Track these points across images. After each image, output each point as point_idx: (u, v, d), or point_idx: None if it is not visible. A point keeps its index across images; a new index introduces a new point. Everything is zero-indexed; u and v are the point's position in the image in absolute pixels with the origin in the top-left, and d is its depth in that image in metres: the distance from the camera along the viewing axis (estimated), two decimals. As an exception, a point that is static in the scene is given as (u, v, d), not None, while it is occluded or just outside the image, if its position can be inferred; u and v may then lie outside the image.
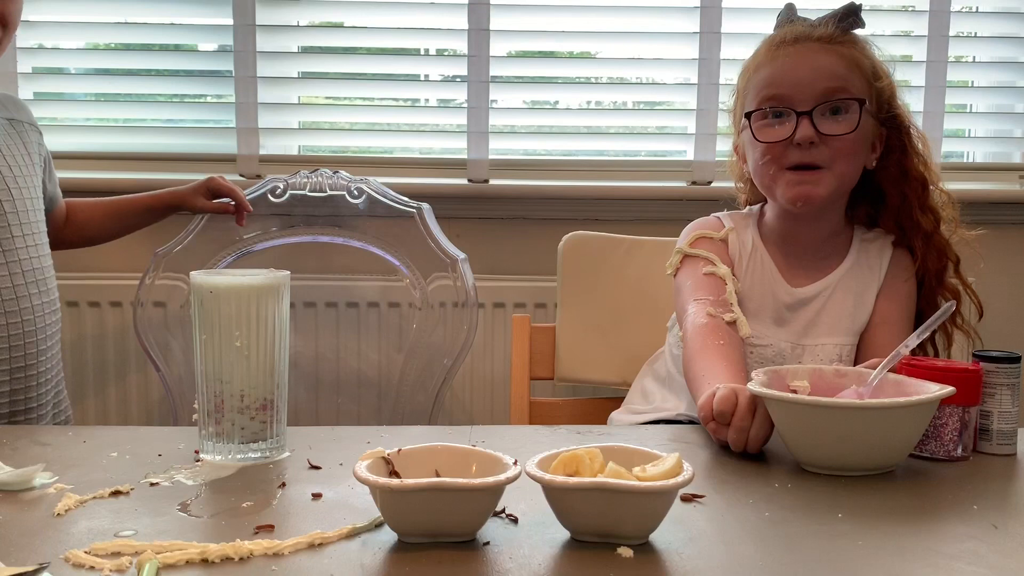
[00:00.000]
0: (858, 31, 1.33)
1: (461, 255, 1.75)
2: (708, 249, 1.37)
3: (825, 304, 1.34)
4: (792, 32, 1.31)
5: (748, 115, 1.31)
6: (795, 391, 1.05)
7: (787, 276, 1.35)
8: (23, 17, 2.01)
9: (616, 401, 1.54)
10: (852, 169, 1.31)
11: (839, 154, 1.28)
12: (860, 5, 1.33)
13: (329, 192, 1.75)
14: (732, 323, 1.29)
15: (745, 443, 1.02)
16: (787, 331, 1.33)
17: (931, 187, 1.35)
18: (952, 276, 1.36)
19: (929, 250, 1.35)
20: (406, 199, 1.77)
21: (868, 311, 1.34)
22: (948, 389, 0.98)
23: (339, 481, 0.92)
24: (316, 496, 0.88)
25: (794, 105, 1.27)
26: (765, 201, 1.40)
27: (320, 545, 0.76)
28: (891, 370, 1.05)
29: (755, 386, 1.01)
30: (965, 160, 2.22)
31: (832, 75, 1.28)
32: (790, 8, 1.37)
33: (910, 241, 1.36)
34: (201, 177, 2.05)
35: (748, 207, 1.45)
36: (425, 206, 1.76)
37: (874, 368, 1.06)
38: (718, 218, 1.43)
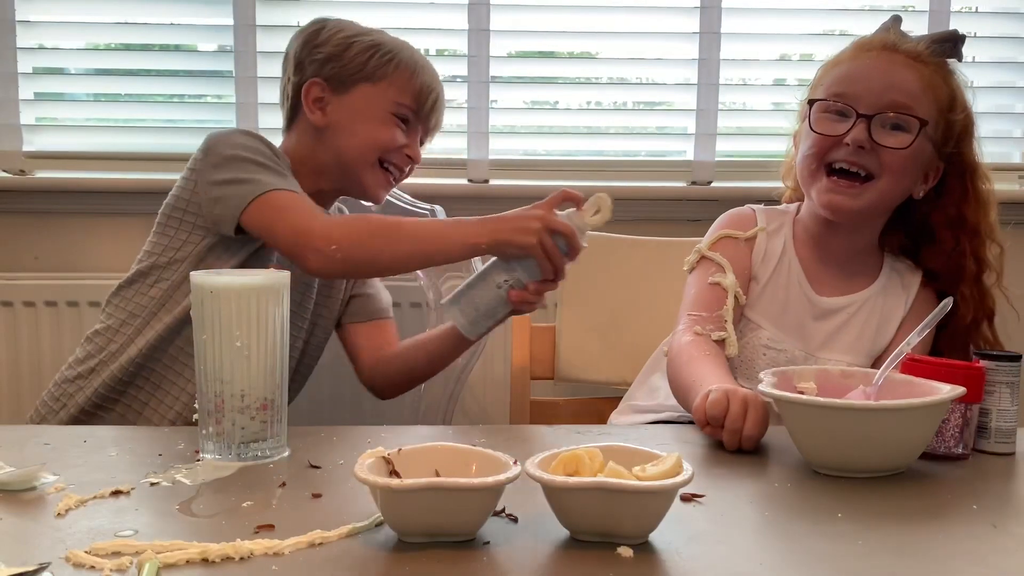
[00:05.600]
0: (952, 60, 1.32)
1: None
2: (728, 251, 1.36)
3: (848, 321, 1.33)
4: (882, 39, 1.31)
5: (811, 102, 1.31)
6: (802, 392, 1.05)
7: (814, 284, 1.35)
8: (24, 17, 2.03)
9: (616, 401, 1.53)
10: (896, 188, 1.29)
11: (886, 168, 1.26)
12: (963, 36, 1.31)
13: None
14: (720, 342, 1.29)
15: (738, 443, 1.03)
16: (805, 340, 1.33)
17: (987, 240, 1.33)
18: (987, 328, 1.34)
19: (969, 300, 1.32)
20: (420, 202, 1.77)
21: (888, 338, 1.33)
22: (959, 389, 0.98)
23: (339, 481, 0.92)
24: (316, 496, 0.88)
25: (857, 106, 1.27)
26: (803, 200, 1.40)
27: (320, 545, 0.76)
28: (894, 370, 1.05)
29: (766, 387, 1.01)
30: (965, 160, 2.22)
31: (903, 90, 1.27)
32: (896, 20, 1.35)
33: (953, 288, 1.32)
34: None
35: (785, 204, 1.44)
36: (438, 208, 1.76)
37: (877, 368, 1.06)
38: (753, 212, 1.42)
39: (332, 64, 1.38)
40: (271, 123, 2.08)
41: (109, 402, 1.31)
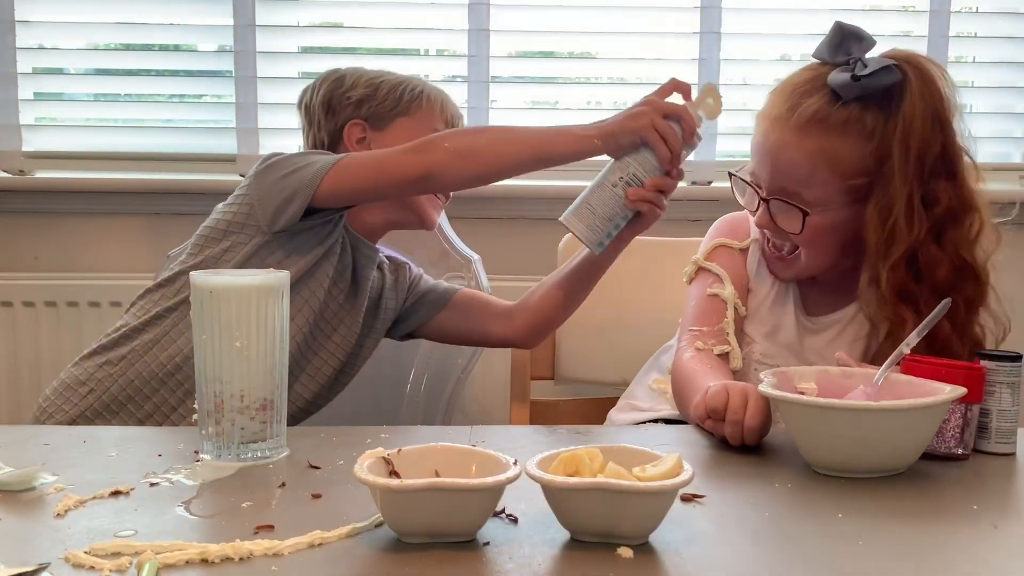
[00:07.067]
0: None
1: (475, 256, 1.75)
2: (724, 261, 1.35)
3: (839, 335, 1.31)
4: (781, 104, 1.24)
5: (730, 174, 1.31)
6: (802, 392, 1.05)
7: (805, 300, 1.33)
8: (23, 17, 2.03)
9: (616, 401, 1.53)
10: (823, 254, 1.27)
11: (800, 242, 1.26)
12: (878, 79, 1.19)
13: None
14: (723, 355, 1.28)
15: (742, 436, 1.03)
16: (797, 355, 1.31)
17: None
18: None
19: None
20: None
21: (882, 336, 1.27)
22: (960, 390, 0.97)
23: (339, 481, 0.92)
24: (316, 496, 0.88)
25: (759, 188, 1.27)
26: None
27: (320, 545, 0.76)
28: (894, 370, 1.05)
29: (766, 388, 1.00)
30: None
31: (789, 176, 1.22)
32: (836, 31, 1.25)
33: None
34: (201, 177, 2.06)
35: None
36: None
37: (877, 368, 1.06)
38: (747, 217, 1.39)
39: (367, 104, 1.44)
40: (271, 123, 2.08)
41: (141, 397, 1.28)
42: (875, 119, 1.21)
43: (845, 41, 1.24)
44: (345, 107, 1.44)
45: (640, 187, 1.21)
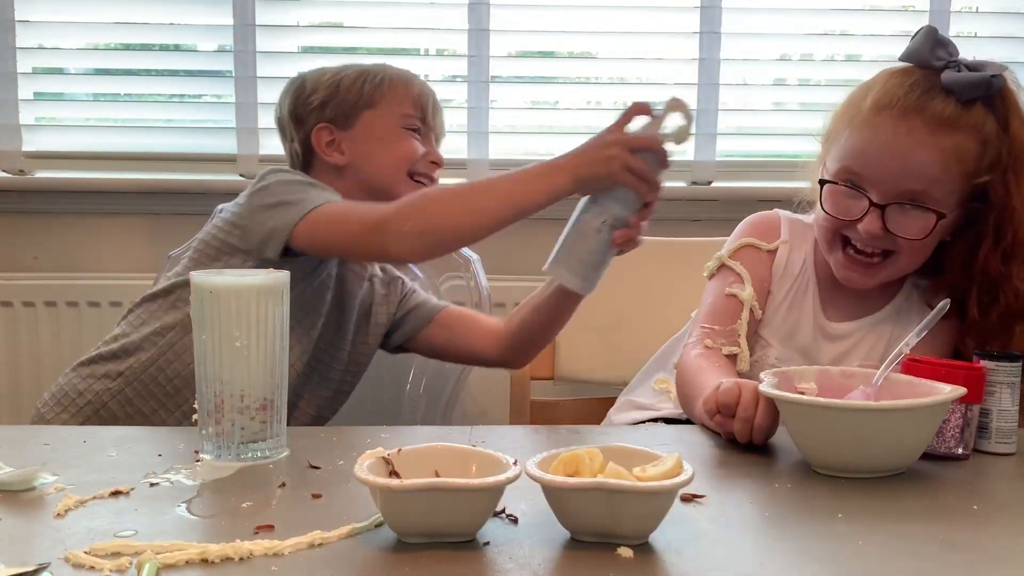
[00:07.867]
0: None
1: (475, 256, 1.75)
2: (749, 261, 1.33)
3: (856, 345, 1.30)
4: (905, 102, 1.19)
5: (823, 182, 1.25)
6: (802, 392, 1.05)
7: (826, 307, 1.32)
8: (24, 17, 2.03)
9: (615, 401, 1.53)
10: (916, 261, 1.25)
11: (903, 247, 1.22)
12: (996, 76, 1.18)
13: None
14: (731, 356, 1.27)
15: (750, 434, 1.03)
16: (810, 362, 1.29)
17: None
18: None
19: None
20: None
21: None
22: (960, 390, 0.97)
23: (339, 481, 0.92)
24: (316, 496, 0.88)
25: (870, 192, 1.20)
26: None
27: (320, 545, 0.76)
28: (894, 370, 1.05)
29: (767, 388, 1.00)
30: (965, 160, 2.21)
31: (921, 176, 1.18)
32: (930, 34, 1.21)
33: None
34: (201, 177, 2.06)
35: (812, 218, 1.38)
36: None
37: (877, 369, 1.06)
38: (779, 218, 1.38)
39: (330, 105, 1.41)
40: (270, 123, 2.07)
41: (140, 416, 1.27)
42: (992, 120, 1.21)
43: (937, 47, 1.22)
44: (310, 113, 1.41)
45: (625, 227, 1.14)
